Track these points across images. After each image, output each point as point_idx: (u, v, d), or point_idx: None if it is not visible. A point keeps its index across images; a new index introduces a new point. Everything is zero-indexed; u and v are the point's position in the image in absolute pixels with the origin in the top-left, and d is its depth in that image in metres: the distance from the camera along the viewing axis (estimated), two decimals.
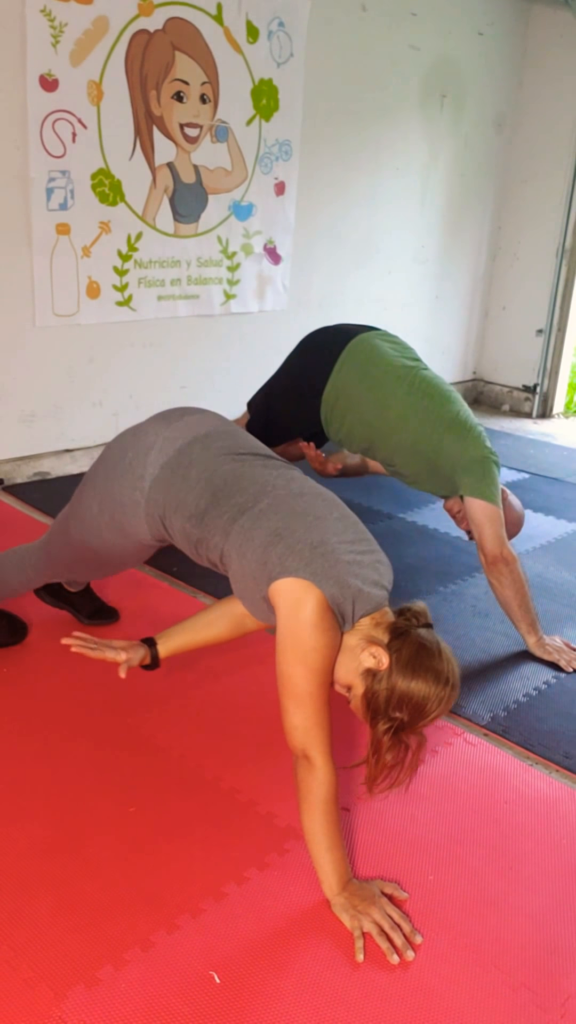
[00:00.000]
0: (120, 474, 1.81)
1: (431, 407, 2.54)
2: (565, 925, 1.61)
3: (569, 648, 2.57)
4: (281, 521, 1.61)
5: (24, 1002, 1.36)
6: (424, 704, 1.54)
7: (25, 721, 2.05)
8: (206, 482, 1.70)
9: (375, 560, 1.66)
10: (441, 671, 1.55)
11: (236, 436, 1.84)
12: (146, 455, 1.79)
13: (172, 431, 1.81)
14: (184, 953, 1.47)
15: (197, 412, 1.89)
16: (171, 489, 1.74)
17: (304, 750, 1.54)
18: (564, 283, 5.25)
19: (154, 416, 1.90)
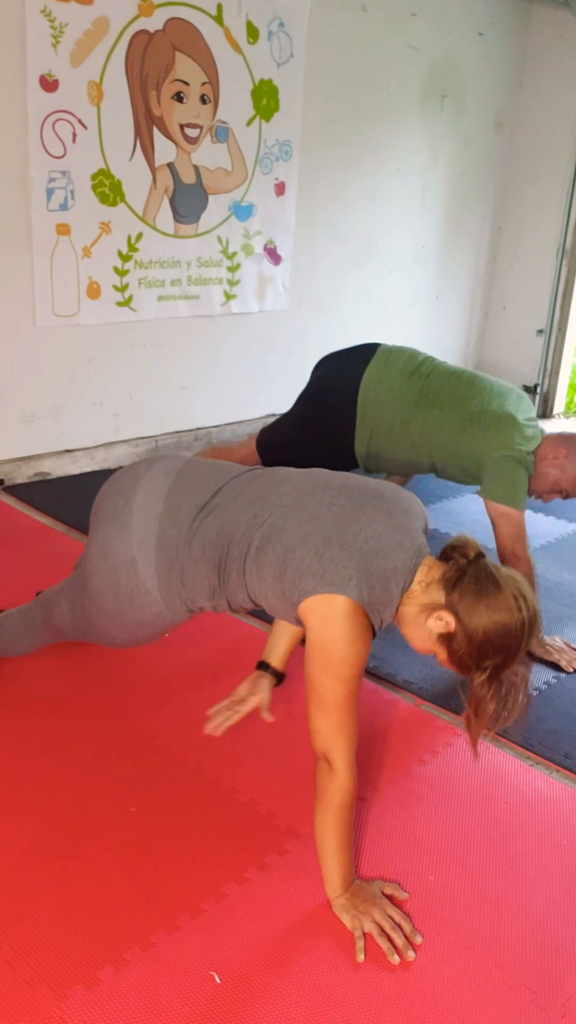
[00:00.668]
0: (127, 599, 1.76)
1: (443, 416, 2.60)
2: (565, 925, 1.61)
3: (569, 648, 2.56)
4: (279, 547, 1.58)
5: (24, 1002, 1.36)
6: (509, 639, 1.49)
7: (25, 721, 2.05)
8: (203, 560, 1.67)
9: (390, 524, 1.57)
10: (508, 601, 1.50)
11: (189, 486, 1.74)
12: (136, 571, 1.72)
13: (136, 531, 1.72)
14: (184, 953, 1.47)
15: (139, 489, 1.76)
16: (180, 587, 1.71)
17: (325, 754, 1.54)
18: (564, 283, 5.25)
19: (101, 518, 1.79)
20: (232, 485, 1.72)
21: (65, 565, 2.68)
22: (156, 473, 1.78)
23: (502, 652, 1.50)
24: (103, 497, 1.83)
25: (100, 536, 1.78)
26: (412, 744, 2.10)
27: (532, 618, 1.52)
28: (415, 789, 1.94)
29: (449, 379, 2.67)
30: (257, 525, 1.62)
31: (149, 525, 1.71)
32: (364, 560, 1.52)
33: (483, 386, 2.62)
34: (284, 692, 2.25)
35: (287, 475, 1.73)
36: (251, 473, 1.76)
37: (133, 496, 1.74)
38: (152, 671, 2.30)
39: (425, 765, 2.02)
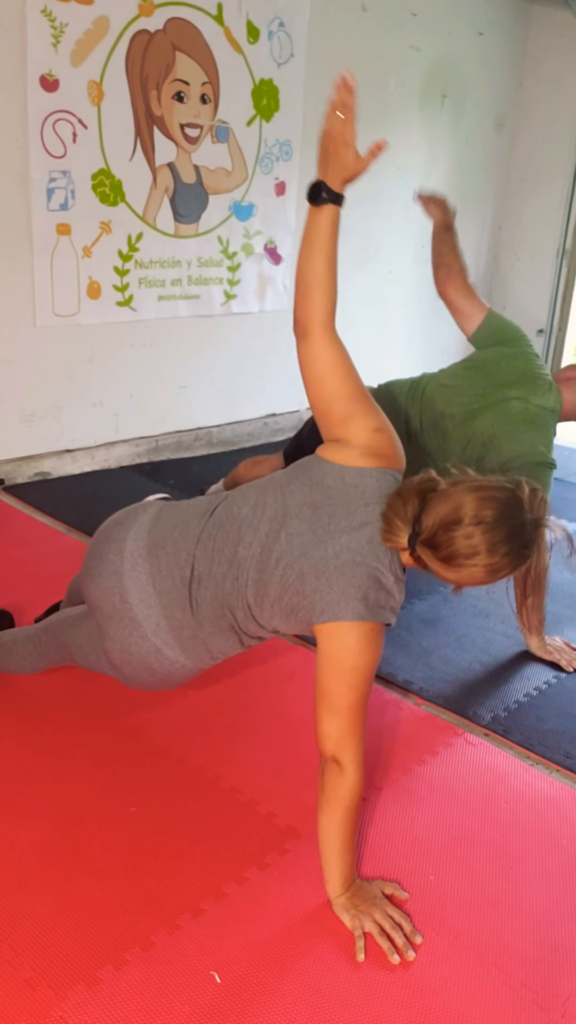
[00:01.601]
0: (166, 676, 1.75)
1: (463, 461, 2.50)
2: (566, 925, 1.61)
3: (569, 648, 2.57)
4: (271, 595, 1.59)
5: (25, 1002, 1.36)
6: (497, 520, 1.46)
7: (25, 721, 2.05)
8: (219, 630, 1.67)
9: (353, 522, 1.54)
10: (462, 512, 1.45)
11: (166, 565, 1.68)
12: (163, 655, 1.70)
13: (146, 624, 1.69)
14: (185, 953, 1.47)
15: (127, 584, 1.69)
16: (212, 654, 1.72)
17: (335, 755, 1.54)
18: (564, 283, 5.25)
19: (106, 618, 1.73)
20: (201, 548, 1.66)
21: (65, 565, 2.68)
22: (132, 561, 1.70)
23: (504, 539, 1.47)
24: (95, 595, 1.75)
25: (113, 635, 1.73)
26: (412, 744, 2.10)
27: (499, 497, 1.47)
28: (415, 789, 1.94)
29: (445, 429, 2.49)
30: (243, 586, 1.62)
31: (156, 615, 1.68)
32: (342, 575, 1.52)
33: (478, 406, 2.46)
34: (284, 693, 2.26)
35: (241, 517, 1.66)
36: (209, 522, 1.69)
37: (126, 592, 1.69)
38: None
39: (425, 765, 2.02)
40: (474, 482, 1.50)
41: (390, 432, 1.63)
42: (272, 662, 2.39)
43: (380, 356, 4.93)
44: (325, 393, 1.61)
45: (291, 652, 2.44)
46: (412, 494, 1.51)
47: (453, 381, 2.55)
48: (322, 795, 1.56)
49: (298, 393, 3.11)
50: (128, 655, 1.72)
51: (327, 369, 1.61)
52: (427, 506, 1.48)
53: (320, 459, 1.62)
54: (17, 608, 2.43)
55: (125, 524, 1.76)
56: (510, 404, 2.44)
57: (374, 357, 4.90)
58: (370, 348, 4.88)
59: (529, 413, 2.42)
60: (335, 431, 1.61)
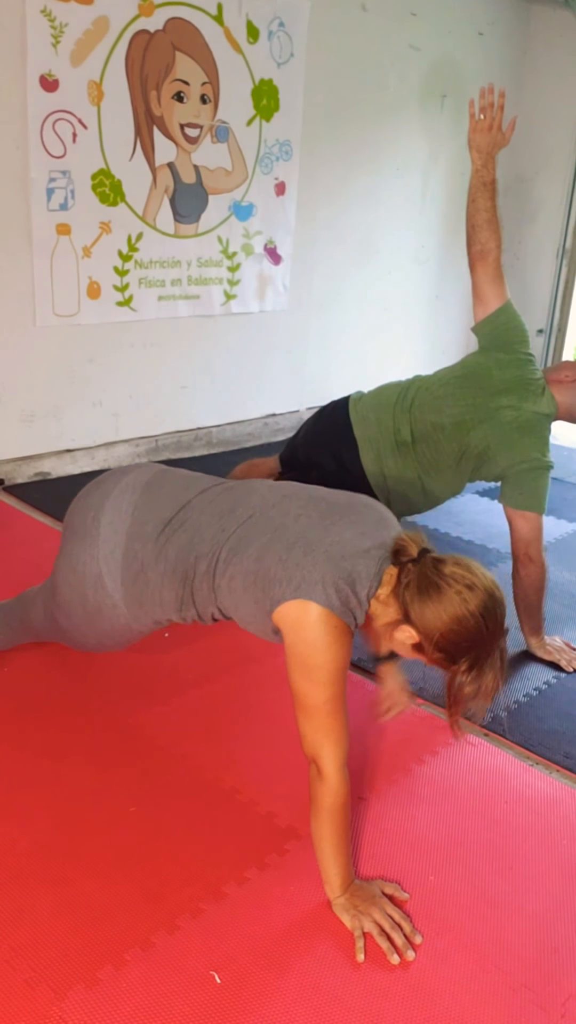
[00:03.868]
0: (96, 612, 1.78)
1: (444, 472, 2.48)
2: (565, 925, 1.61)
3: (569, 648, 2.57)
4: (247, 559, 1.59)
5: (24, 1002, 1.36)
6: (469, 633, 1.47)
7: (25, 721, 2.05)
8: (171, 575, 1.68)
9: (358, 532, 1.57)
10: (451, 598, 1.46)
11: (157, 500, 1.74)
12: (103, 585, 1.74)
13: (103, 546, 1.73)
14: (184, 953, 1.47)
15: (107, 505, 1.77)
16: (147, 601, 1.73)
17: (314, 759, 1.54)
18: (564, 283, 5.26)
19: (71, 533, 1.81)
20: (200, 499, 1.72)
21: None
22: (125, 487, 1.78)
23: (471, 647, 1.48)
24: (73, 511, 1.84)
25: (68, 550, 1.80)
26: (412, 744, 2.10)
27: (486, 602, 1.48)
28: (415, 789, 1.94)
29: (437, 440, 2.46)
30: (224, 539, 1.63)
31: (116, 540, 1.72)
32: (329, 562, 1.52)
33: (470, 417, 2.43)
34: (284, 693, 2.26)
35: (256, 487, 1.73)
36: (220, 486, 1.76)
37: (101, 512, 1.75)
38: (152, 671, 2.30)
39: (425, 765, 2.02)
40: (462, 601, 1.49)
41: None
42: (272, 662, 2.39)
43: (380, 356, 4.93)
44: None
45: None
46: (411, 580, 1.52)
47: (444, 391, 2.49)
48: (312, 799, 1.56)
49: (298, 393, 3.12)
50: (72, 572, 1.77)
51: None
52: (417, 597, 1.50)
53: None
54: None
55: (136, 464, 1.87)
56: (502, 414, 2.42)
57: (374, 357, 4.91)
58: (370, 348, 4.89)
59: (522, 420, 2.42)
60: None
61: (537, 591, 2.46)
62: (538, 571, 2.44)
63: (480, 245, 2.60)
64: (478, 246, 2.60)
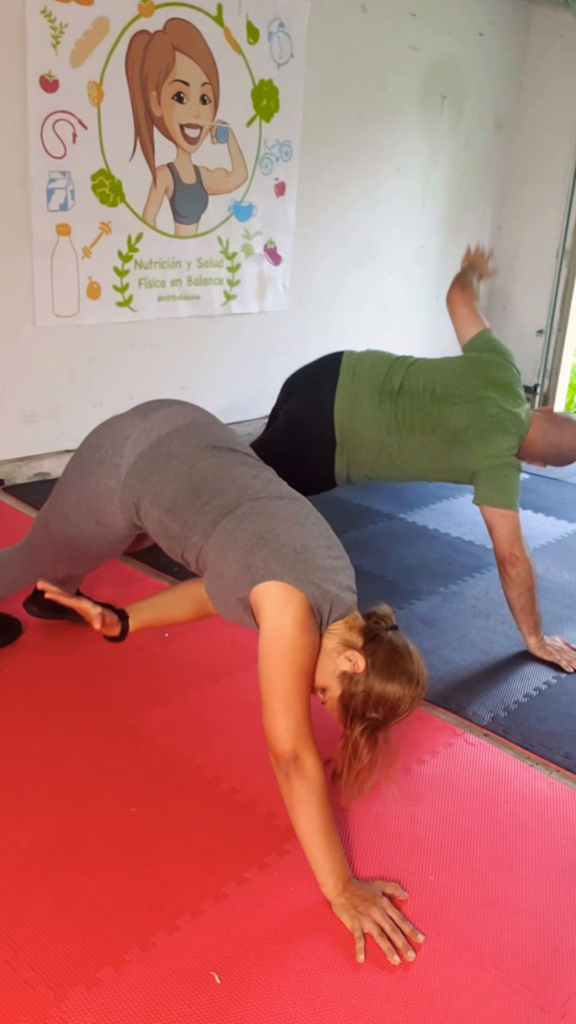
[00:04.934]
0: (96, 463, 1.84)
1: (425, 439, 2.56)
2: (566, 925, 1.61)
3: (570, 648, 2.57)
4: (264, 525, 1.64)
5: (24, 1002, 1.36)
6: (398, 704, 1.60)
7: (25, 721, 2.05)
8: (185, 477, 1.73)
9: (346, 565, 1.72)
10: (413, 672, 1.61)
11: (214, 429, 1.87)
12: (122, 444, 1.82)
13: (149, 423, 1.84)
14: (184, 953, 1.47)
15: (175, 404, 1.92)
16: (148, 479, 1.77)
17: (295, 752, 1.54)
18: (564, 284, 5.25)
19: (132, 408, 1.93)
20: (246, 457, 1.84)
21: None
22: (166, 418, 1.87)
23: (387, 712, 1.60)
24: (103, 429, 1.93)
25: (122, 415, 1.91)
26: (412, 744, 2.10)
27: (419, 697, 1.64)
28: (415, 789, 1.94)
29: (422, 399, 2.56)
30: (252, 496, 1.70)
31: (161, 425, 1.83)
32: (324, 579, 1.62)
33: (462, 396, 2.53)
34: None
35: (296, 495, 1.81)
36: (257, 460, 1.88)
37: (165, 405, 1.91)
38: (152, 670, 2.30)
39: (425, 765, 2.03)
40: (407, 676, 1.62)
41: None
42: None
43: None
44: None
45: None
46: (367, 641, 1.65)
47: (444, 363, 2.67)
48: (293, 798, 1.56)
49: None
50: (108, 427, 1.88)
51: None
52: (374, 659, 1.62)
53: None
54: (17, 609, 2.43)
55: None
56: (487, 404, 2.53)
57: None
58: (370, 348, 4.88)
59: (501, 418, 2.52)
60: None
61: (529, 589, 2.46)
62: (526, 568, 2.45)
63: (462, 284, 2.91)
64: (459, 284, 2.91)
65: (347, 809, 1.83)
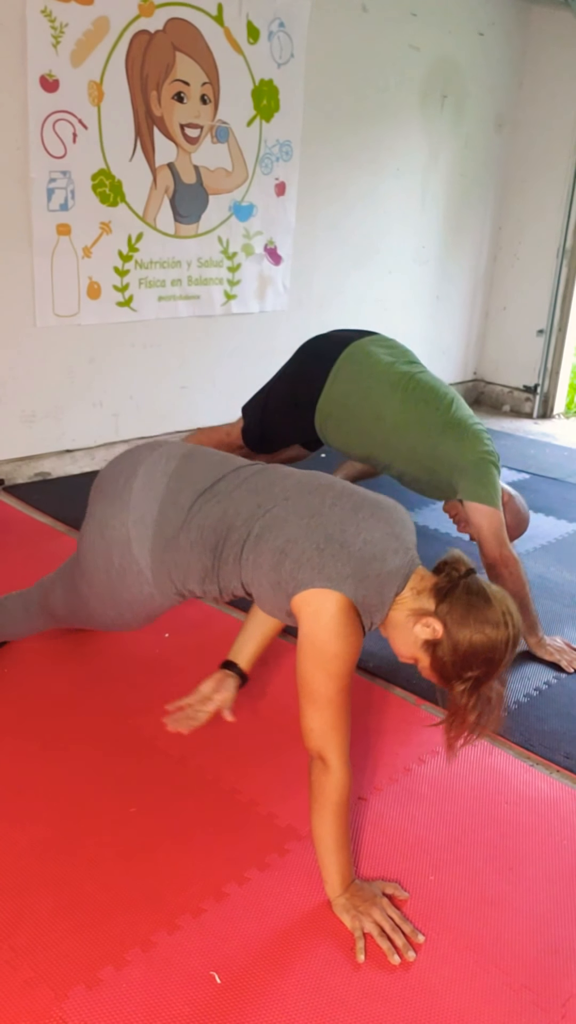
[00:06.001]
0: (119, 578, 1.77)
1: (426, 412, 2.52)
2: (566, 925, 1.61)
3: (570, 648, 2.56)
4: (279, 537, 1.59)
5: (25, 1002, 1.36)
6: (492, 654, 1.52)
7: (25, 722, 2.05)
8: (199, 543, 1.68)
9: (387, 531, 1.60)
10: (496, 618, 1.53)
11: (189, 470, 1.75)
12: (130, 549, 1.73)
13: (134, 511, 1.73)
14: (185, 953, 1.47)
15: (140, 469, 1.77)
16: (173, 569, 1.72)
17: (320, 752, 1.54)
18: (565, 283, 5.25)
19: (103, 494, 1.80)
20: (236, 474, 1.75)
21: None
22: (159, 456, 1.79)
23: (485, 665, 1.53)
24: (103, 478, 1.84)
25: (98, 514, 1.79)
26: (412, 744, 2.10)
27: (516, 636, 1.56)
28: (415, 789, 1.94)
29: (435, 382, 2.60)
30: (260, 514, 1.64)
31: (148, 505, 1.72)
32: (361, 562, 1.54)
33: (463, 405, 2.60)
34: (284, 693, 2.26)
35: (290, 472, 1.75)
36: (255, 466, 1.78)
37: (134, 477, 1.76)
38: (153, 671, 2.30)
39: (425, 765, 2.03)
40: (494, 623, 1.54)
41: None
42: (272, 663, 2.39)
43: None
44: None
45: (291, 653, 2.43)
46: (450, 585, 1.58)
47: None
48: (311, 794, 1.56)
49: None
50: (99, 537, 1.76)
51: None
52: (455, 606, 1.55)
53: None
54: None
55: (170, 441, 1.86)
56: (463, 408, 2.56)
57: None
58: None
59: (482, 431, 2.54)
60: None
61: (523, 586, 2.46)
62: (517, 567, 2.45)
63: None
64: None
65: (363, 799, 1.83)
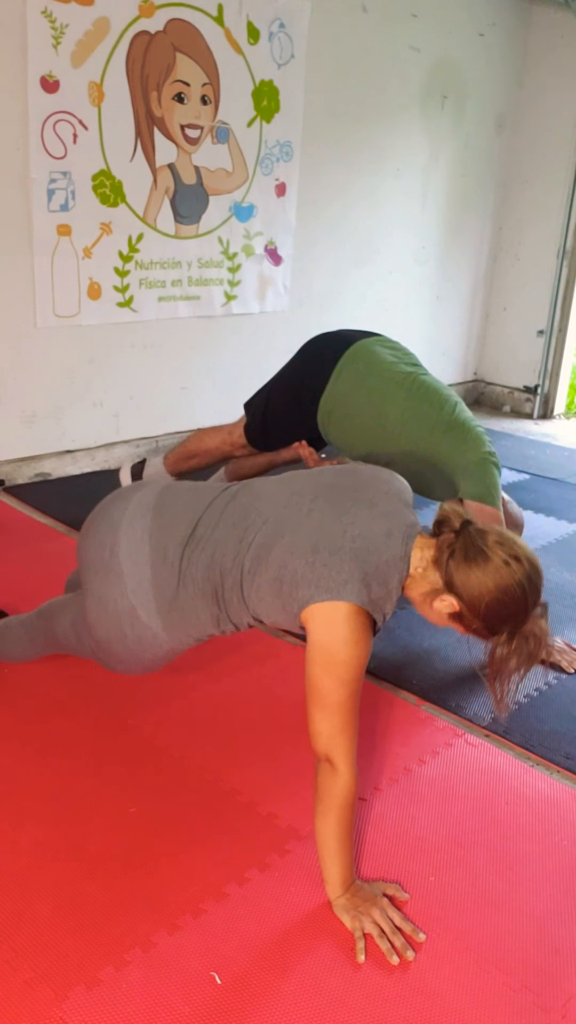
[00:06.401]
0: (136, 644, 1.75)
1: (428, 412, 2.53)
2: (566, 926, 1.61)
3: (570, 648, 2.56)
4: (271, 565, 1.58)
5: (25, 1003, 1.36)
6: (513, 602, 1.50)
7: (26, 722, 2.05)
8: (200, 595, 1.67)
9: (374, 514, 1.57)
10: (498, 565, 1.50)
11: (170, 521, 1.70)
12: (138, 616, 1.71)
13: (129, 580, 1.69)
14: (185, 954, 1.47)
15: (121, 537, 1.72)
16: (186, 625, 1.71)
17: (328, 755, 1.54)
18: (565, 284, 5.25)
19: (91, 574, 1.75)
20: (210, 512, 1.70)
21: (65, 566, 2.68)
22: (133, 514, 1.73)
23: (512, 615, 1.52)
24: (87, 547, 1.78)
25: (94, 590, 1.74)
26: (413, 744, 2.10)
27: (530, 573, 1.52)
28: (416, 789, 1.94)
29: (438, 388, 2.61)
30: (244, 548, 1.62)
31: (141, 571, 1.68)
32: (357, 560, 1.53)
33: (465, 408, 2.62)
34: (284, 694, 2.26)
35: (261, 489, 1.71)
36: (225, 494, 1.74)
37: (117, 545, 1.70)
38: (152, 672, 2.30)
39: (426, 765, 2.02)
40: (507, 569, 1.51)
41: None
42: (272, 663, 2.39)
43: None
44: None
45: (291, 653, 2.44)
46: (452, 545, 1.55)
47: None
48: (316, 795, 1.56)
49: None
50: (103, 612, 1.72)
51: None
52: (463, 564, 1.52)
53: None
54: (17, 609, 2.43)
55: (138, 487, 1.81)
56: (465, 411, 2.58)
57: None
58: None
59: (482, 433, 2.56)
60: None
61: None
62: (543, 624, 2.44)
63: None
64: None
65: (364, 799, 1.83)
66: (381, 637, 2.57)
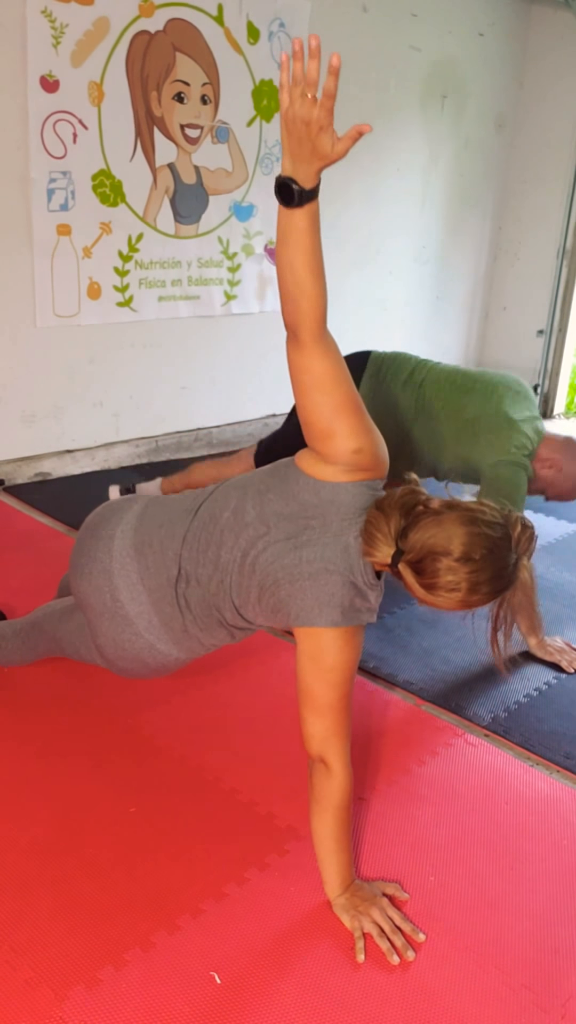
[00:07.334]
0: (162, 668, 1.81)
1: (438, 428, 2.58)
2: (566, 926, 1.61)
3: (570, 648, 2.56)
4: (252, 604, 1.62)
5: (25, 1003, 1.36)
6: (480, 569, 1.42)
7: (25, 722, 2.05)
8: (208, 628, 1.71)
9: (327, 531, 1.54)
10: (451, 543, 1.42)
11: (155, 560, 1.69)
12: (158, 650, 1.74)
13: (139, 621, 1.71)
14: (185, 954, 1.47)
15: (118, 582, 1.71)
16: (203, 647, 1.77)
17: (322, 756, 1.54)
18: (565, 284, 5.25)
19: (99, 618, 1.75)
20: (187, 550, 1.68)
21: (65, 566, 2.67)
22: (122, 558, 1.71)
23: (487, 580, 1.44)
24: (85, 592, 1.76)
25: (105, 632, 1.76)
26: (412, 744, 2.10)
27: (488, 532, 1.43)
28: (415, 790, 1.94)
29: (443, 387, 2.61)
30: (227, 588, 1.65)
31: (147, 612, 1.71)
32: (316, 583, 1.52)
33: (479, 388, 2.57)
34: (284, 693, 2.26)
35: (223, 521, 1.66)
36: (194, 522, 1.70)
37: (117, 591, 1.71)
38: None
39: (425, 766, 2.02)
40: (468, 513, 1.46)
41: (371, 447, 1.55)
42: (272, 663, 2.39)
43: None
44: (310, 403, 1.54)
45: (291, 652, 2.43)
46: (394, 509, 1.49)
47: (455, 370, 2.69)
48: (312, 797, 1.56)
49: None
50: (122, 651, 1.76)
51: (315, 382, 1.52)
52: (415, 524, 1.46)
53: (297, 470, 1.59)
54: (17, 609, 2.43)
55: (112, 521, 1.78)
56: (499, 392, 2.55)
57: None
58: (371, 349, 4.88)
59: (512, 416, 2.51)
60: (315, 444, 1.56)
61: (530, 589, 2.45)
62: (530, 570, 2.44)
63: None
64: None
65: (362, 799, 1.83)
66: (381, 637, 2.57)
